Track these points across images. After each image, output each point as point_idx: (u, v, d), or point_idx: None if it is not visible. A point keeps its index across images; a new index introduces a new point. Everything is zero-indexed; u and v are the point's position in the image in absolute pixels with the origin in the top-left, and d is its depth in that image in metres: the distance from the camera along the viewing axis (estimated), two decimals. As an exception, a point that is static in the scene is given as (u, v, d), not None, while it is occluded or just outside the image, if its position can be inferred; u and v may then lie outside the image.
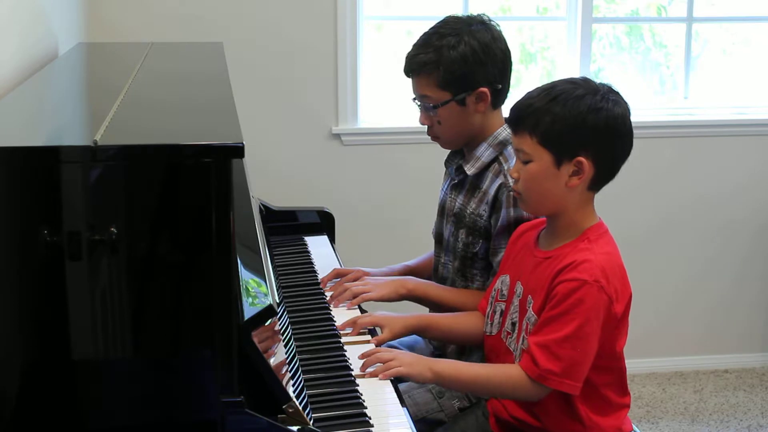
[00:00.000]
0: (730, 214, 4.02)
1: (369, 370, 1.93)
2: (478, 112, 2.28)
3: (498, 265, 2.20)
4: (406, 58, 2.32)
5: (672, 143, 3.92)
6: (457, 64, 2.24)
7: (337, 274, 2.42)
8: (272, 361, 1.62)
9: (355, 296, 2.28)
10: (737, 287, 4.09)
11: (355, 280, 2.39)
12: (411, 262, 2.61)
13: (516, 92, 2.31)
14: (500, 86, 2.30)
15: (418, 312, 2.31)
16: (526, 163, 1.96)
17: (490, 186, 2.25)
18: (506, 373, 1.95)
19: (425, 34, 2.32)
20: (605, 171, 1.97)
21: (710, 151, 3.96)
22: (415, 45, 2.32)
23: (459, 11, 3.71)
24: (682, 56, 4.00)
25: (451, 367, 2.00)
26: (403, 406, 1.82)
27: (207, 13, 3.57)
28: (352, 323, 2.13)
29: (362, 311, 2.25)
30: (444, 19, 2.33)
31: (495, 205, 2.23)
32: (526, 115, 1.95)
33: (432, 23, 2.36)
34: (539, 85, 2.03)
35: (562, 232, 2.00)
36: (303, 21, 3.63)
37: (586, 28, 3.85)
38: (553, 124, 1.92)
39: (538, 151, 1.93)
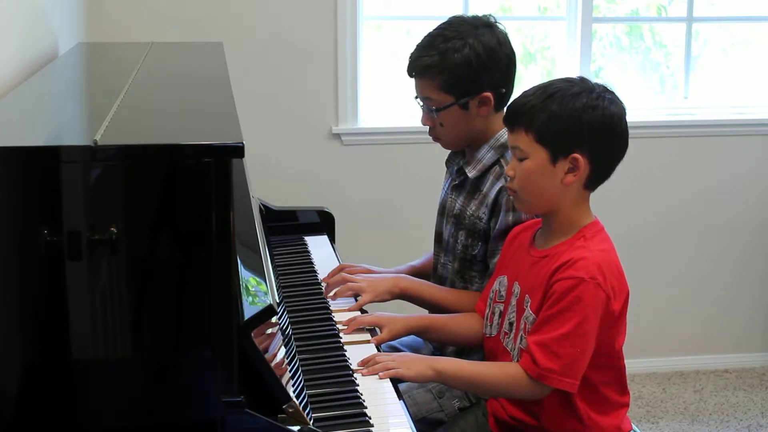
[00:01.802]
0: (730, 214, 4.02)
1: (366, 369, 1.93)
2: (481, 115, 2.27)
3: (495, 266, 2.20)
4: (410, 58, 2.30)
5: (672, 143, 3.92)
6: (461, 69, 2.22)
7: (342, 269, 2.43)
8: (272, 361, 1.62)
9: (349, 289, 2.28)
10: (737, 287, 4.09)
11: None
12: (415, 262, 2.61)
13: (516, 92, 2.31)
14: (504, 90, 2.28)
15: (416, 311, 2.30)
16: (521, 160, 1.96)
17: (491, 189, 2.24)
18: (507, 372, 1.95)
19: (429, 35, 2.29)
20: (600, 169, 1.97)
21: (710, 150, 3.96)
22: (418, 46, 2.29)
23: (459, 11, 3.71)
24: (682, 56, 4.00)
25: (452, 364, 2.00)
26: (403, 406, 1.82)
27: (207, 13, 3.57)
28: (351, 320, 2.13)
29: (362, 311, 2.25)
30: (448, 20, 2.30)
31: (495, 208, 2.22)
32: (522, 113, 1.96)
33: (432, 23, 2.34)
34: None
35: (558, 231, 2.00)
36: (303, 21, 3.63)
37: (586, 28, 3.85)
38: (549, 121, 1.92)
39: (534, 148, 1.94)
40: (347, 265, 2.45)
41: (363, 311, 2.26)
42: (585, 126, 1.93)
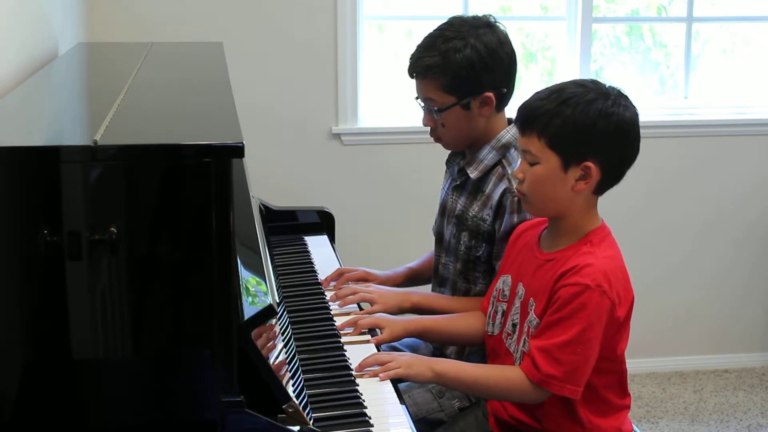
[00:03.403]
0: (730, 214, 4.02)
1: (367, 370, 1.93)
2: (483, 116, 2.27)
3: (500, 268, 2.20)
4: (411, 59, 2.29)
5: (672, 143, 3.92)
6: (463, 69, 2.21)
7: (341, 273, 2.42)
8: (272, 361, 1.62)
9: (361, 300, 2.26)
10: (737, 287, 4.09)
11: (358, 279, 2.39)
12: (413, 263, 2.60)
13: (516, 92, 2.30)
14: (505, 90, 2.28)
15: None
16: (532, 164, 1.94)
17: (494, 190, 2.24)
18: (507, 375, 1.95)
19: (430, 35, 2.28)
20: (612, 176, 1.96)
21: (710, 150, 3.96)
22: (419, 46, 2.28)
23: (459, 11, 3.71)
24: (682, 56, 4.00)
25: (452, 366, 2.00)
26: (402, 406, 1.82)
27: (207, 13, 3.57)
28: (353, 323, 2.13)
29: (361, 309, 2.25)
30: (449, 21, 2.30)
31: (499, 211, 2.21)
32: (535, 117, 1.92)
33: (432, 23, 2.34)
34: (540, 84, 2.03)
35: (565, 235, 1.99)
36: (303, 21, 3.63)
37: (586, 28, 3.85)
38: (563, 127, 1.90)
39: (546, 153, 1.92)
40: (346, 270, 2.44)
41: (361, 308, 2.26)
42: (599, 134, 1.90)
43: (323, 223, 2.81)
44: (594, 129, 1.90)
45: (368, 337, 2.11)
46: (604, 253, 1.94)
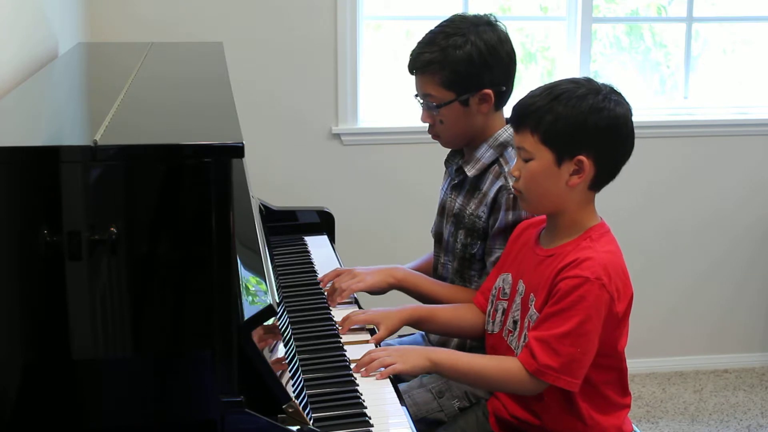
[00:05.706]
0: (731, 214, 4.02)
1: (363, 370, 1.93)
2: (481, 113, 2.28)
3: (491, 265, 2.20)
4: (411, 54, 2.30)
5: (672, 143, 3.92)
6: (463, 65, 2.23)
7: (338, 274, 2.42)
8: (272, 361, 1.62)
9: (343, 290, 2.27)
10: (737, 287, 4.09)
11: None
12: (411, 264, 2.60)
13: (516, 92, 2.31)
14: (504, 88, 2.29)
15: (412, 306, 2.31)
16: (527, 161, 1.96)
17: (490, 188, 2.24)
18: (504, 365, 1.96)
19: (431, 32, 2.30)
20: (606, 171, 1.97)
21: (710, 151, 3.96)
22: (420, 42, 2.30)
23: (459, 11, 3.71)
24: (682, 56, 4.00)
25: (448, 355, 2.00)
26: (402, 406, 1.82)
27: (207, 13, 3.57)
28: (345, 319, 2.13)
29: (359, 307, 2.25)
30: (450, 18, 2.31)
31: (494, 207, 2.22)
32: (528, 114, 1.96)
33: (431, 23, 2.35)
34: (539, 84, 2.04)
35: (564, 231, 2.00)
36: (303, 21, 3.63)
37: (586, 28, 3.85)
38: (555, 122, 1.92)
39: (540, 149, 1.94)
40: (342, 271, 2.43)
41: (360, 306, 2.26)
42: (590, 128, 1.92)
43: (323, 223, 2.81)
44: (585, 123, 1.92)
45: (368, 336, 2.11)
46: (604, 248, 1.95)
